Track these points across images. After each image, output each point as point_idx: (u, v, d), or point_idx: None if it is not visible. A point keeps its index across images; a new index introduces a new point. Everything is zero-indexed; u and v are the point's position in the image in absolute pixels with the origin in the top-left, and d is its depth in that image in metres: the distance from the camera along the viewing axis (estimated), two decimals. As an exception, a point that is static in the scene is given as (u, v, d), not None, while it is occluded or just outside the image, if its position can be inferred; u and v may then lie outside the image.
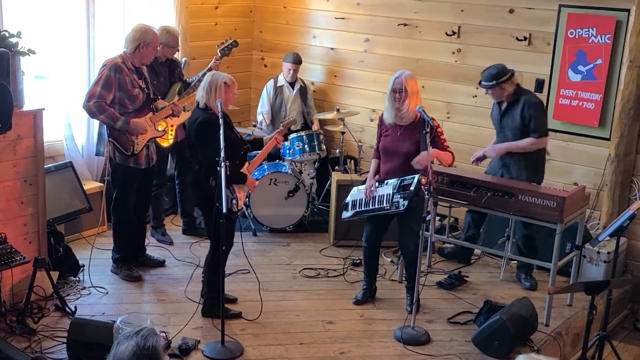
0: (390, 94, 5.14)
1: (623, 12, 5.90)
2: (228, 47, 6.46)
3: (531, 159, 5.66)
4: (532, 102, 5.58)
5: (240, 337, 4.86)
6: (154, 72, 5.98)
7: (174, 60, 6.26)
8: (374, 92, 7.44)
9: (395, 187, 5.16)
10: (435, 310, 5.43)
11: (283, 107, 7.37)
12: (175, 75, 6.21)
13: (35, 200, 5.11)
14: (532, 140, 5.56)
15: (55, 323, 4.89)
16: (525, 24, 6.46)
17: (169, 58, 6.15)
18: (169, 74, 6.16)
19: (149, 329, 2.70)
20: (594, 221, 6.31)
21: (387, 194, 5.21)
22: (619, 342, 5.67)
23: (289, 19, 7.99)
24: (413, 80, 5.15)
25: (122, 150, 5.39)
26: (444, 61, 6.97)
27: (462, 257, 6.32)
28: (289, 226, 6.79)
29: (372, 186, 5.33)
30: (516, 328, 4.80)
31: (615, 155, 6.03)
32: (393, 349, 4.87)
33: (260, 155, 5.36)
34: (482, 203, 5.34)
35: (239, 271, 5.79)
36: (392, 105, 5.16)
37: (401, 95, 5.09)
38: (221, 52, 6.40)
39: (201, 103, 4.92)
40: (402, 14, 7.15)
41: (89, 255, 5.58)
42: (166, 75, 6.14)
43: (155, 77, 5.98)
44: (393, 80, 5.15)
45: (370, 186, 5.34)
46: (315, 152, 6.97)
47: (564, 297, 5.64)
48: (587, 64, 6.14)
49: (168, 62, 6.16)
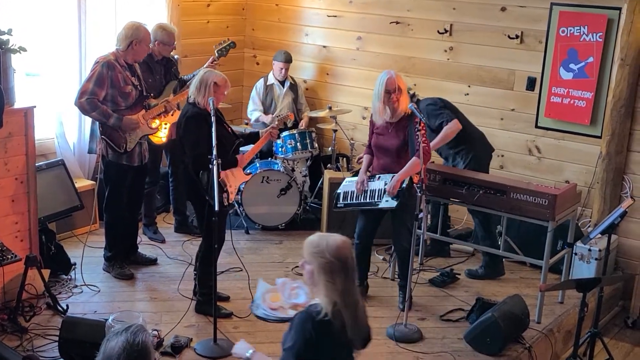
0: (384, 96, 5.07)
1: (614, 11, 5.92)
2: (225, 48, 6.45)
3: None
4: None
5: (233, 335, 4.85)
6: (149, 70, 5.97)
7: (170, 58, 6.24)
8: (366, 90, 7.43)
9: (387, 183, 5.16)
10: (428, 308, 5.44)
11: (274, 105, 7.36)
12: (171, 73, 6.19)
13: (27, 199, 5.09)
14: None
15: (46, 321, 4.87)
16: (517, 22, 6.47)
17: (165, 56, 6.13)
18: (164, 72, 6.15)
19: (138, 326, 2.70)
20: (585, 219, 6.34)
21: (378, 189, 5.22)
22: (610, 339, 5.69)
23: (281, 17, 7.98)
24: (400, 77, 5.16)
25: (115, 147, 5.37)
26: (436, 59, 6.98)
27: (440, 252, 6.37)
28: (281, 224, 6.79)
29: (364, 181, 5.32)
30: (508, 325, 4.81)
31: (607, 153, 6.06)
32: (385, 347, 4.87)
33: (254, 148, 5.35)
34: (474, 201, 5.36)
35: (231, 269, 5.78)
36: (388, 106, 5.10)
37: (396, 94, 5.08)
38: (218, 52, 6.39)
39: (190, 98, 4.93)
40: (395, 12, 7.16)
41: (80, 254, 5.57)
42: (162, 73, 6.12)
43: (150, 75, 5.98)
44: (385, 81, 5.08)
45: (362, 181, 5.33)
46: (308, 150, 6.97)
47: (555, 295, 5.66)
48: (579, 62, 6.16)
49: (164, 60, 6.15)
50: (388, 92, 5.07)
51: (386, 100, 5.09)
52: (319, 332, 3.03)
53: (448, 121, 5.74)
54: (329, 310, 3.03)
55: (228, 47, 6.46)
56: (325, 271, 3.05)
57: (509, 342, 4.90)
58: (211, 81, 4.86)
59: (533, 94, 6.46)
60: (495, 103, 6.69)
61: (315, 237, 3.15)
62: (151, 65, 6.00)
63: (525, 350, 4.90)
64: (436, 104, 5.92)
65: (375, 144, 5.32)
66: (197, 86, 4.88)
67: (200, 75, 4.93)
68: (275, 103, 7.37)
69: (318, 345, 3.03)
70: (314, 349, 3.03)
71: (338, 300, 3.04)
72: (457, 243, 6.24)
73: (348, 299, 3.07)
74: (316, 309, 3.06)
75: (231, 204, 5.19)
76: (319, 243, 3.10)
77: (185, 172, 5.04)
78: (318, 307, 3.06)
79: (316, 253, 3.08)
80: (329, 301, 3.04)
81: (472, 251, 6.44)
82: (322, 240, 3.11)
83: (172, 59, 6.29)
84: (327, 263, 3.04)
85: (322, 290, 3.06)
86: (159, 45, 5.98)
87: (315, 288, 3.12)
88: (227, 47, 6.45)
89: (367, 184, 5.31)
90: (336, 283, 3.04)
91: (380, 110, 5.15)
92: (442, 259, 6.33)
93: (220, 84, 4.90)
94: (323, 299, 3.06)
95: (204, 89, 4.85)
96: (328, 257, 3.04)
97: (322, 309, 3.04)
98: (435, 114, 5.78)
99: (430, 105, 5.84)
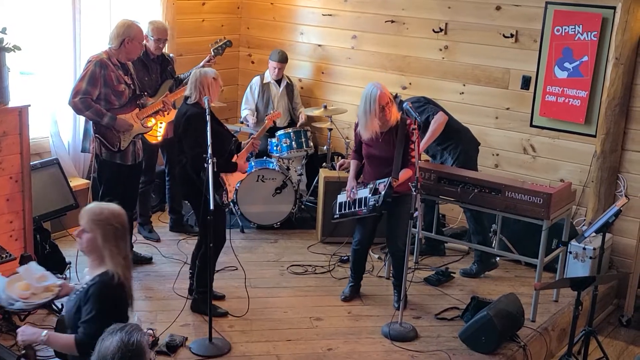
0: (379, 112, 4.98)
1: (609, 10, 5.94)
2: (222, 47, 6.45)
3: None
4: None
5: (228, 334, 4.85)
6: (145, 68, 5.97)
7: (166, 57, 6.24)
8: (361, 89, 7.32)
9: (371, 190, 5.14)
10: (423, 307, 5.45)
11: (270, 105, 7.36)
12: (167, 72, 6.19)
13: (22, 198, 5.08)
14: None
15: (41, 321, 4.86)
16: (512, 21, 6.48)
17: (161, 54, 6.13)
18: (160, 70, 6.14)
19: (133, 325, 2.70)
20: (580, 217, 6.35)
21: (364, 197, 5.19)
22: (605, 338, 5.71)
23: (276, 16, 7.98)
24: (385, 87, 5.08)
25: (109, 146, 5.36)
26: (431, 58, 6.99)
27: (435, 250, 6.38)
28: (276, 223, 6.79)
29: (353, 188, 5.28)
30: (503, 324, 4.82)
31: (601, 151, 6.07)
32: (380, 345, 4.88)
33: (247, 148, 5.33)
34: (469, 200, 5.36)
35: (226, 268, 5.78)
36: (381, 120, 5.02)
37: (388, 106, 5.02)
38: (214, 51, 6.39)
39: (191, 99, 4.91)
40: (390, 10, 7.16)
41: (75, 253, 5.52)
42: (157, 72, 6.12)
43: (146, 73, 5.98)
44: (378, 98, 4.94)
45: (351, 188, 5.28)
46: (303, 148, 6.97)
47: (550, 293, 5.67)
48: (574, 61, 6.18)
49: (160, 59, 6.15)
50: (382, 108, 4.99)
51: (381, 116, 5.02)
52: (117, 296, 3.25)
53: (434, 114, 5.79)
54: (120, 273, 3.25)
55: (224, 46, 6.46)
56: (110, 238, 3.25)
57: (504, 340, 4.91)
58: (210, 79, 4.86)
59: (528, 93, 6.47)
60: (490, 102, 6.70)
61: (95, 206, 3.34)
62: (147, 63, 6.00)
63: (520, 349, 4.91)
64: (419, 101, 5.97)
65: (368, 155, 5.24)
66: (198, 87, 4.86)
67: (197, 77, 4.89)
68: (272, 102, 7.36)
69: (118, 307, 3.25)
70: (116, 312, 3.20)
71: (123, 263, 3.26)
72: (452, 242, 6.25)
73: (128, 262, 3.34)
74: (108, 276, 3.25)
75: (228, 202, 5.19)
76: (101, 211, 3.29)
77: (183, 172, 5.03)
78: (110, 274, 3.25)
79: (100, 221, 3.26)
80: (116, 265, 3.24)
81: (467, 250, 6.44)
82: (104, 209, 3.31)
83: (168, 58, 6.28)
84: (113, 230, 3.25)
85: (108, 256, 3.25)
86: (149, 40, 5.99)
87: (96, 255, 3.30)
88: (223, 46, 6.45)
89: (357, 192, 5.25)
90: (120, 248, 3.26)
91: (370, 126, 5.03)
92: (437, 258, 6.33)
93: (216, 78, 4.92)
94: (110, 265, 3.25)
95: (206, 88, 4.85)
96: (114, 224, 3.25)
97: (113, 274, 3.23)
98: (420, 110, 5.80)
99: (415, 103, 5.85)
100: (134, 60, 5.62)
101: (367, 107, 5.01)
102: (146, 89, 5.86)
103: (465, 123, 6.11)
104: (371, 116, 5.01)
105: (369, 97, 5.01)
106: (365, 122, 5.06)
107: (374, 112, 4.99)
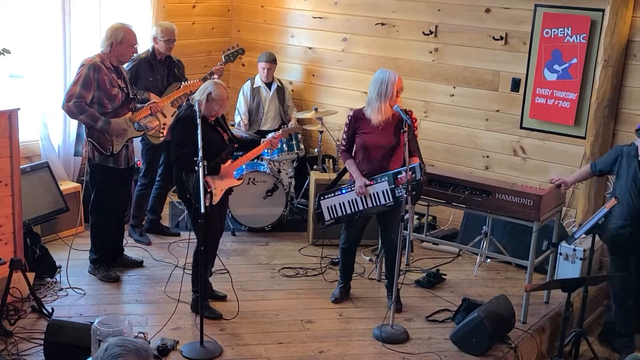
0: (395, 95, 5.02)
1: (597, 12, 5.97)
2: (233, 54, 6.46)
3: None
4: None
5: (219, 337, 4.85)
6: (151, 69, 6.02)
7: (174, 60, 6.23)
8: (352, 91, 7.46)
9: (391, 182, 5.09)
10: (414, 309, 5.45)
11: (261, 109, 7.34)
12: (175, 75, 6.18)
13: (11, 201, 5.06)
14: None
15: (32, 325, 4.84)
16: (502, 24, 6.51)
17: (168, 57, 6.15)
18: (167, 73, 6.15)
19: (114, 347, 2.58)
20: (570, 219, 6.38)
21: (384, 190, 5.12)
22: (595, 339, 5.72)
23: (266, 18, 7.98)
24: None
25: (102, 150, 5.35)
26: (421, 60, 7.01)
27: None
28: (267, 225, 6.79)
29: (365, 183, 5.15)
30: (494, 325, 4.83)
31: (591, 153, 6.09)
32: (372, 348, 4.88)
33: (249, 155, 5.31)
34: (460, 201, 5.38)
35: (217, 271, 5.77)
36: (391, 104, 5.03)
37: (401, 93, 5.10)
38: (225, 57, 6.41)
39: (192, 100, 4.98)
40: (380, 13, 7.18)
41: (66, 256, 5.54)
42: (164, 74, 6.13)
43: (152, 74, 6.01)
44: (396, 81, 5.01)
45: (363, 185, 5.15)
46: (294, 151, 6.97)
47: (540, 295, 5.69)
48: (563, 63, 6.20)
49: (167, 61, 6.15)
50: (397, 93, 5.04)
51: (394, 100, 5.05)
52: None
53: None
54: None
55: (236, 54, 6.49)
56: None
57: (495, 342, 4.92)
58: (207, 92, 4.89)
59: (518, 95, 6.50)
60: (480, 104, 6.73)
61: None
62: (154, 64, 6.06)
63: (511, 350, 4.92)
64: None
65: (365, 144, 5.18)
66: (201, 92, 4.93)
67: (207, 85, 4.97)
68: (262, 106, 7.35)
69: None
70: None
71: None
72: (443, 244, 6.26)
73: None
74: None
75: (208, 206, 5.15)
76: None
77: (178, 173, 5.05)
78: None
79: None
80: None
81: (458, 252, 6.46)
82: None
83: (176, 61, 6.26)
84: None
85: None
86: (158, 42, 6.04)
87: None
88: (234, 53, 6.48)
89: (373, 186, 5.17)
90: None
91: (383, 110, 5.05)
92: (428, 260, 6.33)
93: (214, 98, 4.90)
94: None
95: (200, 94, 4.91)
96: None
97: None
98: None
99: None
100: (141, 60, 5.73)
101: (382, 89, 5.04)
102: (150, 89, 5.93)
103: (456, 125, 6.15)
104: (385, 100, 5.03)
105: (386, 80, 5.04)
106: (378, 105, 5.07)
107: (390, 96, 5.02)
